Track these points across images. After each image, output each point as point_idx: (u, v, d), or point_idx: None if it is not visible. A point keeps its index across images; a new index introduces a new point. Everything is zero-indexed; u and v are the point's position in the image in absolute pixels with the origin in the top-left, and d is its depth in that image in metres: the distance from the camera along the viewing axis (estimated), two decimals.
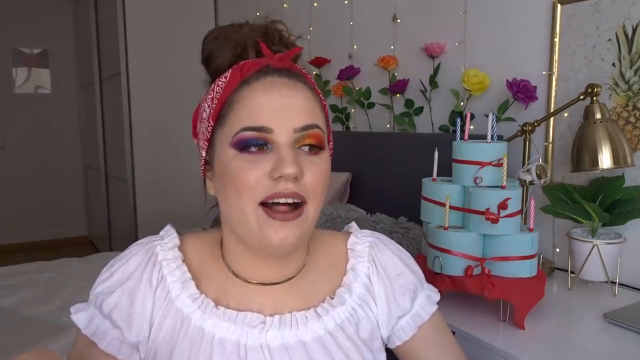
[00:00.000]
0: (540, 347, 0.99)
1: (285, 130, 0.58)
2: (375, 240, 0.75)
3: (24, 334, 1.58)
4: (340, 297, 0.69)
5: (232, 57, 0.64)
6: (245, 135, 0.58)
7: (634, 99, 1.32)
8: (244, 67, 0.61)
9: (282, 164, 0.57)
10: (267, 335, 0.63)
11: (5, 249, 4.48)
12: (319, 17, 2.60)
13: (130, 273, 0.65)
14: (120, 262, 0.67)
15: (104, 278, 0.66)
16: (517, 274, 1.08)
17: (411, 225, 1.71)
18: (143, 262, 0.66)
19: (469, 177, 1.13)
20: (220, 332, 0.63)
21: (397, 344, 0.74)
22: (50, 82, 4.70)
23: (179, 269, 0.66)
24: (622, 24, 1.33)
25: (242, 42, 0.63)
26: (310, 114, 0.61)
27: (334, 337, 0.66)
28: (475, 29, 1.77)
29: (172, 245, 0.68)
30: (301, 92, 0.61)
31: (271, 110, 0.58)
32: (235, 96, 0.60)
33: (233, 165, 0.59)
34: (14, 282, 2.07)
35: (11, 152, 4.56)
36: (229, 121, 0.60)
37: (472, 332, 1.05)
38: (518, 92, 1.54)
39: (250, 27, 0.65)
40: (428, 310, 0.74)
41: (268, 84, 0.60)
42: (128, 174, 3.46)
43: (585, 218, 1.25)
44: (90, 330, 0.64)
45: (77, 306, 0.67)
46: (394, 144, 2.02)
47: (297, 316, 0.65)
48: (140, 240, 0.69)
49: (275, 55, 0.62)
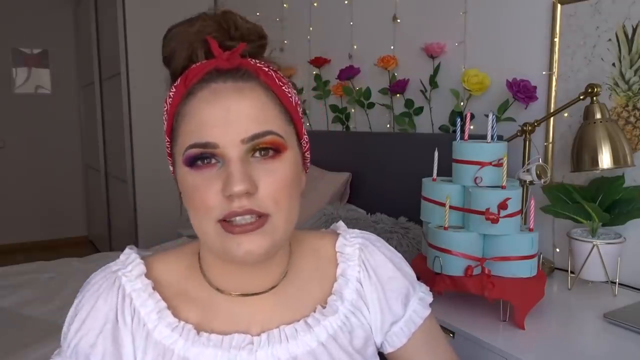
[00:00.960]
0: (540, 347, 0.99)
1: (232, 143, 0.54)
2: (365, 242, 0.71)
3: (24, 334, 1.58)
4: (332, 305, 0.65)
5: (185, 59, 0.60)
6: (192, 153, 0.55)
7: (634, 99, 1.32)
8: (189, 75, 0.57)
9: (230, 181, 0.53)
10: (257, 355, 0.60)
11: (5, 249, 4.48)
12: (319, 17, 2.60)
13: (103, 315, 0.61)
14: (86, 305, 0.62)
15: (76, 327, 0.61)
16: (517, 274, 1.08)
17: (411, 225, 1.71)
18: (110, 298, 0.61)
19: (469, 177, 1.13)
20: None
21: (390, 351, 0.72)
22: (50, 82, 4.70)
23: (151, 297, 0.62)
24: (622, 24, 1.33)
25: (192, 43, 0.59)
26: (262, 120, 0.56)
27: (327, 349, 0.63)
28: (475, 29, 1.77)
29: (137, 273, 0.63)
30: (250, 97, 0.56)
31: (215, 123, 0.54)
32: (181, 109, 0.57)
33: (188, 184, 0.56)
34: (14, 282, 2.07)
35: (11, 152, 4.56)
36: (179, 137, 0.57)
37: (472, 332, 1.05)
38: (518, 92, 1.54)
39: (202, 23, 0.59)
40: (421, 314, 0.72)
41: (211, 92, 0.56)
42: (128, 174, 3.46)
43: (585, 218, 1.25)
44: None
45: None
46: (394, 144, 2.02)
47: (286, 330, 0.62)
48: (99, 273, 0.64)
49: (223, 55, 0.57)
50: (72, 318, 0.62)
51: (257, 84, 0.58)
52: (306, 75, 2.69)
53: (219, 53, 0.57)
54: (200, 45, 0.59)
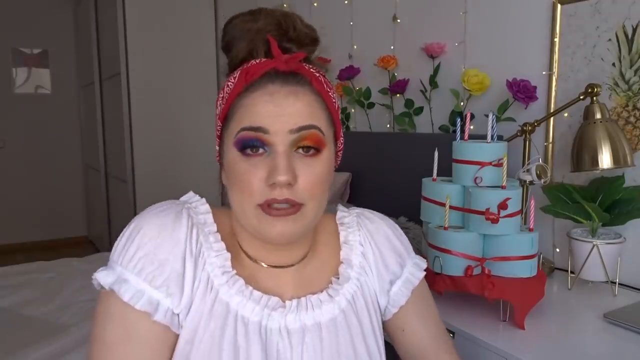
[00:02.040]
0: (540, 347, 0.99)
1: (281, 131, 0.60)
2: (362, 211, 0.80)
3: (24, 334, 1.58)
4: (343, 274, 0.72)
5: (245, 52, 0.65)
6: (244, 135, 0.61)
7: (634, 99, 1.32)
8: (250, 71, 0.62)
9: (275, 171, 0.59)
10: (287, 318, 0.66)
11: (5, 249, 4.48)
12: (319, 17, 2.60)
13: (175, 236, 0.63)
14: (154, 223, 0.63)
15: (143, 241, 0.61)
16: (517, 274, 1.08)
17: (411, 225, 1.71)
18: (181, 222, 0.64)
19: (469, 177, 1.13)
20: (244, 311, 0.64)
21: (393, 312, 0.77)
22: (50, 82, 4.70)
23: (212, 236, 0.66)
24: (622, 24, 1.33)
25: (254, 38, 0.64)
26: (308, 116, 0.62)
27: (346, 315, 0.69)
28: (475, 29, 1.77)
29: (203, 211, 0.68)
30: (302, 99, 0.62)
31: (269, 114, 0.60)
32: (239, 101, 0.63)
33: (236, 166, 0.62)
34: (14, 282, 2.07)
35: (11, 152, 4.56)
36: (233, 122, 0.63)
37: (472, 332, 1.05)
38: (518, 92, 1.54)
39: (265, 19, 0.65)
40: (417, 275, 0.78)
41: (268, 93, 0.61)
42: (128, 174, 3.46)
43: (585, 218, 1.25)
44: (139, 302, 0.60)
45: (107, 273, 0.61)
46: (394, 144, 2.02)
47: (312, 299, 0.68)
48: (160, 204, 0.67)
49: (282, 57, 0.62)
50: (132, 235, 0.62)
51: (309, 88, 0.64)
52: None
53: (279, 54, 0.63)
54: (261, 43, 0.64)
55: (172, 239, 0.63)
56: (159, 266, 0.61)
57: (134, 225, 0.64)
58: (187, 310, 0.63)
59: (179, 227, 0.64)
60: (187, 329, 0.62)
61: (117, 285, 0.60)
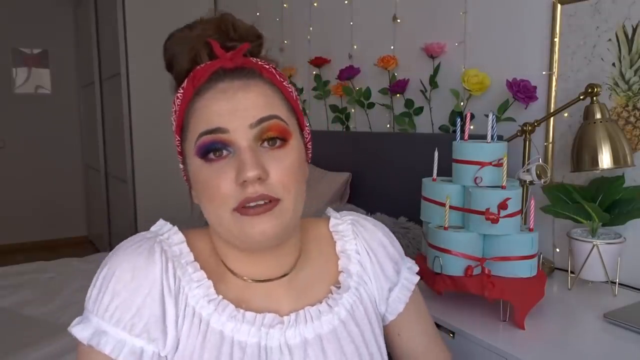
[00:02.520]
0: (540, 347, 0.99)
1: (241, 128, 0.58)
2: (355, 217, 0.77)
3: (24, 334, 1.58)
4: (344, 283, 0.70)
5: (188, 62, 0.63)
6: (204, 140, 0.58)
7: (634, 99, 1.32)
8: (195, 76, 0.61)
9: (243, 168, 0.56)
10: (286, 334, 0.63)
11: (5, 249, 4.48)
12: (319, 17, 2.60)
13: (150, 276, 0.59)
14: (125, 265, 0.60)
15: (116, 288, 0.59)
16: (517, 274, 1.08)
17: (411, 225, 1.71)
18: (154, 260, 0.60)
19: (469, 177, 1.13)
20: (240, 336, 0.61)
21: (390, 319, 0.77)
22: (50, 82, 4.70)
23: (191, 266, 0.63)
24: (622, 24, 1.33)
25: (194, 45, 0.63)
26: (265, 106, 0.60)
27: (346, 325, 0.67)
28: (475, 29, 1.77)
29: (177, 241, 0.65)
30: (255, 90, 0.60)
31: (224, 112, 0.58)
32: (191, 108, 0.61)
33: (202, 176, 0.59)
34: (14, 282, 2.07)
35: (11, 152, 4.56)
36: (190, 132, 0.61)
37: (472, 332, 1.05)
38: (518, 92, 1.54)
39: (202, 26, 0.63)
40: (412, 280, 0.78)
41: (219, 91, 0.59)
42: (128, 174, 3.46)
43: (585, 218, 1.25)
44: (121, 354, 0.58)
45: (83, 327, 0.60)
46: (394, 144, 2.02)
47: (311, 311, 0.66)
48: (130, 240, 0.64)
49: (226, 55, 0.61)
50: (105, 281, 0.60)
51: (260, 80, 0.61)
52: (306, 75, 2.69)
53: (222, 53, 0.61)
54: (202, 48, 0.62)
55: (147, 280, 0.59)
56: (136, 312, 0.58)
57: (106, 269, 0.61)
58: (174, 351, 0.60)
59: (153, 266, 0.60)
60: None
61: (96, 338, 0.58)
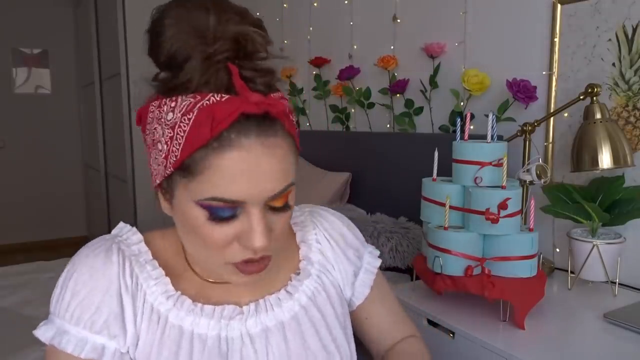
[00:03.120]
0: (540, 347, 0.99)
1: (258, 200, 0.55)
2: (312, 209, 0.79)
3: (24, 334, 1.57)
4: (304, 270, 0.72)
5: (201, 74, 0.53)
6: (216, 205, 0.54)
7: (634, 99, 1.32)
8: (215, 117, 0.51)
9: (252, 236, 0.55)
10: (247, 324, 0.64)
11: (5, 249, 4.48)
12: (319, 17, 2.60)
13: (106, 276, 0.61)
14: (84, 267, 0.61)
15: (75, 289, 0.60)
16: (517, 274, 1.08)
17: (411, 225, 1.71)
18: (111, 260, 0.62)
19: (469, 177, 1.13)
20: (199, 329, 0.62)
21: (357, 304, 0.79)
22: (50, 82, 4.70)
23: (149, 264, 0.64)
24: (622, 24, 1.33)
25: (209, 67, 0.53)
26: (286, 173, 0.56)
27: (307, 311, 0.68)
28: (475, 29, 1.77)
29: (135, 241, 0.66)
30: (278, 154, 0.54)
31: (243, 182, 0.53)
32: (204, 156, 0.52)
33: (199, 225, 0.56)
34: (14, 282, 2.07)
35: (11, 152, 4.56)
36: (196, 181, 0.53)
37: (472, 332, 1.05)
38: (518, 92, 1.54)
39: (221, 45, 0.53)
40: (374, 264, 0.80)
41: (244, 150, 0.52)
42: (128, 174, 3.46)
43: (585, 218, 1.25)
44: (83, 351, 0.60)
45: (46, 329, 0.62)
46: (394, 144, 2.02)
47: (270, 300, 0.67)
48: (91, 243, 0.65)
49: (252, 97, 0.52)
50: (65, 282, 0.61)
51: (281, 134, 0.55)
52: (306, 75, 2.69)
53: (244, 89, 0.52)
54: (219, 70, 0.53)
55: (104, 279, 0.60)
56: (95, 310, 0.60)
57: (66, 272, 0.62)
58: (134, 347, 0.61)
59: (110, 265, 0.61)
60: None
61: (58, 338, 0.60)
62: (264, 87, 0.55)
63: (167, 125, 0.54)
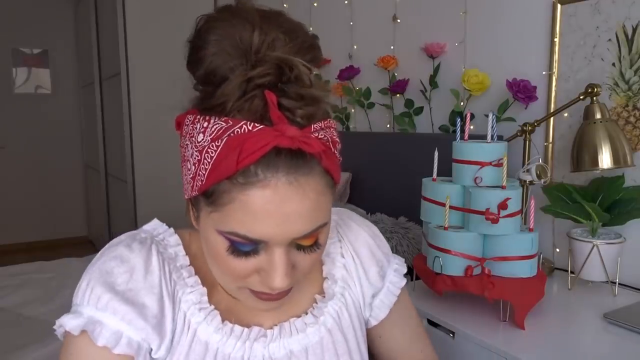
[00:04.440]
0: (540, 347, 0.99)
1: (282, 241, 0.51)
2: (341, 216, 0.74)
3: (24, 334, 1.58)
4: (328, 290, 0.68)
5: (236, 99, 0.49)
6: (239, 241, 0.51)
7: (634, 99, 1.32)
8: (244, 150, 0.47)
9: (272, 277, 0.52)
10: (270, 347, 0.62)
11: (5, 249, 4.48)
12: (319, 17, 2.60)
13: (150, 280, 0.57)
14: (126, 263, 0.57)
15: (118, 282, 0.56)
16: (517, 274, 1.08)
17: (411, 225, 1.71)
18: (155, 264, 0.58)
19: (469, 177, 1.13)
20: (226, 349, 0.60)
21: (373, 324, 0.74)
22: (50, 82, 4.70)
23: (186, 270, 0.61)
24: (622, 24, 1.33)
25: (245, 89, 0.49)
26: (317, 214, 0.51)
27: (332, 335, 0.65)
28: (475, 29, 1.77)
29: (173, 244, 0.62)
30: (309, 196, 0.50)
31: (269, 223, 0.49)
32: (229, 187, 0.49)
33: (219, 253, 0.53)
34: (14, 282, 2.07)
35: (11, 152, 4.56)
36: (220, 211, 0.51)
37: (472, 332, 1.05)
38: (518, 92, 1.54)
39: (261, 69, 0.49)
40: (398, 285, 0.74)
41: (270, 188, 0.48)
42: (128, 174, 3.46)
43: (585, 218, 1.25)
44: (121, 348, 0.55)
45: (76, 320, 0.56)
46: (394, 144, 2.02)
47: (296, 323, 0.64)
48: (129, 237, 0.60)
49: (288, 131, 0.47)
50: (100, 276, 0.57)
51: (317, 171, 0.51)
52: None
53: (281, 120, 0.48)
54: (256, 97, 0.49)
55: (146, 280, 0.57)
56: (140, 307, 0.56)
57: (100, 263, 0.58)
58: (165, 356, 0.58)
59: (150, 267, 0.58)
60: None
61: (90, 327, 0.55)
62: (302, 120, 0.50)
63: (196, 147, 0.51)
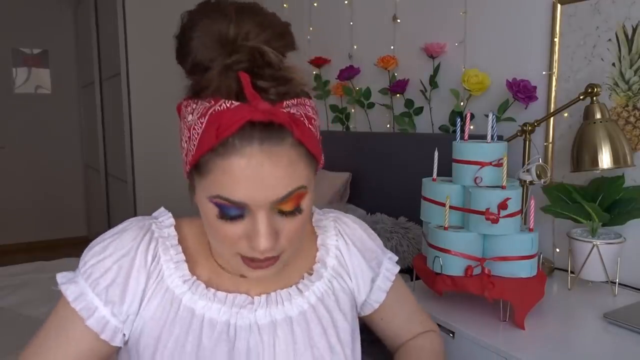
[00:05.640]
0: (540, 347, 0.99)
1: (262, 203, 0.57)
2: (337, 215, 0.82)
3: (24, 334, 1.58)
4: (317, 272, 0.74)
5: (217, 83, 0.56)
6: (222, 203, 0.57)
7: (634, 99, 1.32)
8: (221, 124, 0.54)
9: (256, 238, 0.58)
10: (256, 314, 0.67)
11: (5, 249, 4.48)
12: (319, 17, 2.60)
13: (127, 248, 0.66)
14: (115, 236, 0.67)
15: (97, 250, 0.66)
16: (517, 274, 1.08)
17: (411, 225, 1.71)
18: (138, 237, 0.67)
19: (469, 177, 1.13)
20: (211, 313, 0.66)
21: (371, 310, 0.82)
22: (50, 82, 4.70)
23: (174, 248, 0.68)
24: (622, 24, 1.33)
25: (226, 77, 0.56)
26: (292, 177, 0.57)
27: (316, 310, 0.71)
28: (475, 29, 1.77)
29: (167, 225, 0.71)
30: (283, 162, 0.56)
31: (246, 186, 0.55)
32: (212, 157, 0.56)
33: (211, 220, 0.60)
34: (14, 282, 2.07)
35: (11, 152, 4.56)
36: (206, 179, 0.57)
37: (472, 332, 1.05)
38: (518, 92, 1.54)
39: (237, 56, 0.56)
40: (393, 271, 0.84)
41: (246, 157, 0.54)
42: (128, 174, 3.46)
43: (585, 218, 1.25)
44: (78, 304, 0.65)
45: (65, 275, 0.67)
46: (394, 144, 2.02)
47: (281, 294, 0.70)
48: (133, 218, 0.71)
49: (260, 105, 0.54)
50: (96, 244, 0.67)
51: (289, 142, 0.56)
52: None
53: (254, 97, 0.54)
54: (232, 79, 0.56)
55: (123, 249, 0.66)
56: (102, 274, 0.64)
57: (102, 236, 0.68)
58: (131, 323, 0.65)
59: (135, 240, 0.66)
60: (148, 336, 0.65)
61: (66, 285, 0.66)
62: (275, 96, 0.56)
63: (187, 126, 0.59)
